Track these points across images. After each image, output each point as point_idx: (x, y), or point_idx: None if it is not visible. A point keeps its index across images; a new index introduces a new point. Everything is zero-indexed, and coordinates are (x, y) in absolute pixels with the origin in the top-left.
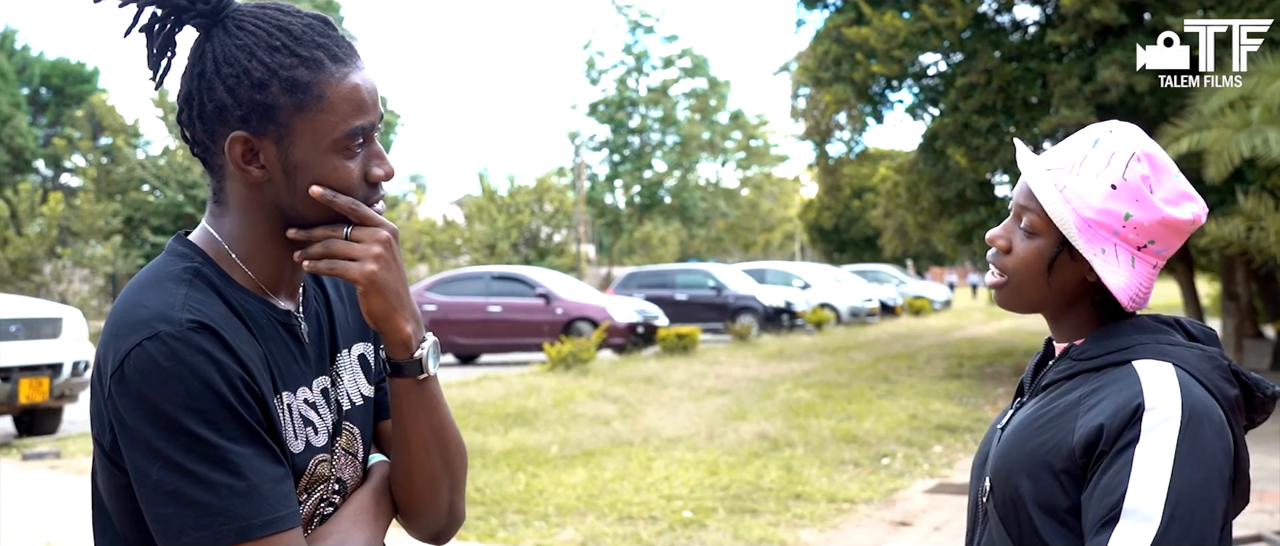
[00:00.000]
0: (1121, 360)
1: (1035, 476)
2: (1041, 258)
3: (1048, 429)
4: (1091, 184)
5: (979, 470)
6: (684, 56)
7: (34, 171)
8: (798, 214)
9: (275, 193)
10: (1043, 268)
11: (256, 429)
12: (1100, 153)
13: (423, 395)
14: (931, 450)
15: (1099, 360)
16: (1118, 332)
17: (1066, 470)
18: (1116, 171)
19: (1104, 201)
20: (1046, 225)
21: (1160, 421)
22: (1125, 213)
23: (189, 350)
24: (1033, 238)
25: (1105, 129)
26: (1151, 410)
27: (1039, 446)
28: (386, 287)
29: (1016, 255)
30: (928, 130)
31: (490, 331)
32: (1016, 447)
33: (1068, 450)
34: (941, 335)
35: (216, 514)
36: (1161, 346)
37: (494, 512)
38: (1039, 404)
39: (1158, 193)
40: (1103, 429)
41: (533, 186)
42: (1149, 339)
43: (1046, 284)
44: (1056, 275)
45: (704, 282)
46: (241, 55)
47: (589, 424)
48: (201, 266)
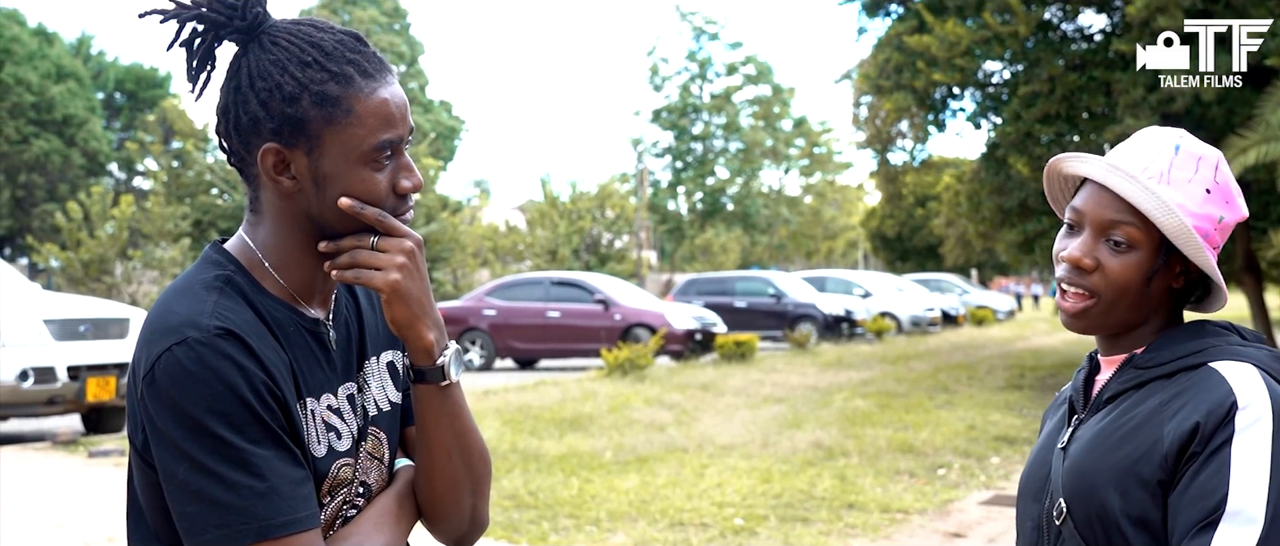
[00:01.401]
0: (1195, 363)
1: (1124, 490)
2: (1141, 271)
3: (1131, 440)
4: (1188, 190)
5: (1038, 492)
6: (748, 63)
7: (108, 174)
8: (860, 222)
9: (306, 203)
10: (1143, 281)
11: (278, 432)
12: (1186, 159)
13: (445, 402)
14: (989, 461)
15: (1170, 366)
16: (1182, 338)
17: (1160, 480)
18: (1208, 176)
19: (1203, 207)
20: (1145, 236)
21: (1254, 420)
22: (1219, 215)
23: (215, 356)
24: (1130, 251)
25: (1176, 135)
26: (1244, 409)
27: (1124, 458)
28: (409, 296)
29: (1109, 272)
30: (990, 139)
31: (549, 336)
32: (1096, 462)
33: (1160, 457)
34: (1003, 345)
35: (237, 513)
36: (1233, 348)
37: (546, 516)
38: (1109, 417)
39: (1236, 194)
40: (1198, 427)
41: (595, 192)
42: (1219, 341)
43: (1145, 297)
44: (1154, 287)
45: (764, 290)
46: (274, 70)
47: (644, 430)
48: (233, 274)
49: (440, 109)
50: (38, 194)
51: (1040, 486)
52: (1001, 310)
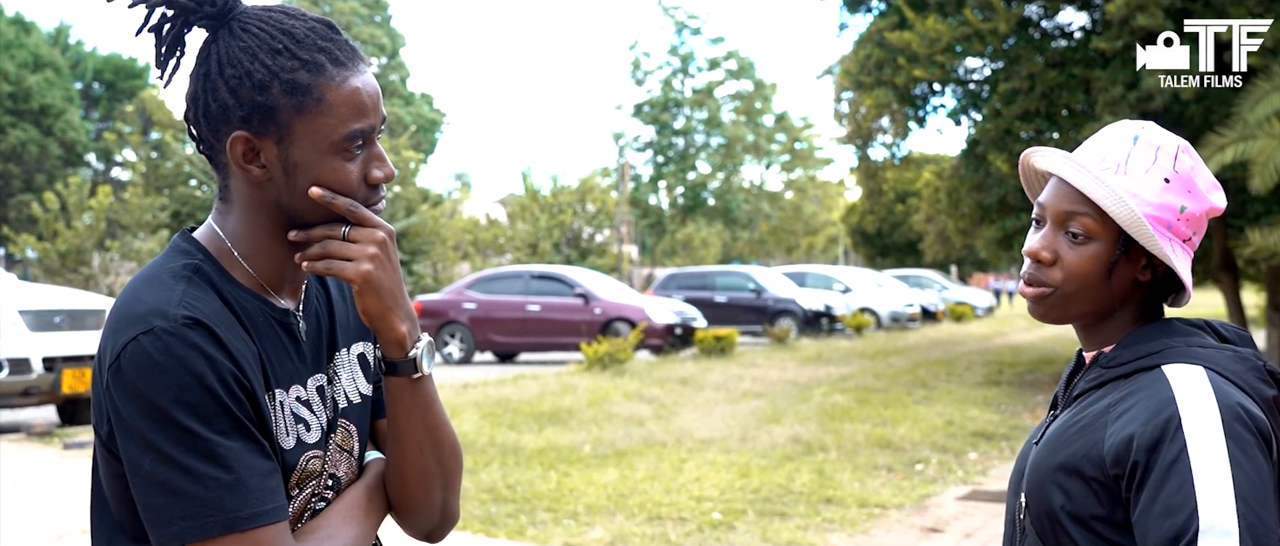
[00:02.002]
0: (1150, 365)
1: (1066, 487)
2: (1100, 262)
3: (1077, 438)
4: (1144, 180)
5: (1015, 485)
6: (729, 58)
7: (86, 165)
8: (841, 217)
9: (276, 192)
10: (1102, 272)
11: (246, 423)
12: (1144, 149)
13: (417, 394)
14: (966, 457)
15: (1128, 366)
16: (1146, 337)
17: (1097, 478)
18: (1166, 165)
19: (1160, 196)
20: (1102, 227)
21: (1202, 429)
22: (1181, 205)
23: (182, 345)
24: (1087, 243)
25: (1138, 126)
26: (1188, 419)
27: (1069, 456)
28: (381, 287)
29: (1068, 264)
30: (970, 135)
31: (529, 330)
32: (1047, 459)
33: (1098, 458)
34: (982, 341)
35: (203, 505)
36: (1191, 349)
37: (524, 510)
38: (1070, 414)
39: (1202, 184)
40: (1133, 439)
41: (576, 186)
42: (1178, 342)
43: (1105, 289)
44: (1115, 278)
45: (744, 285)
46: (244, 57)
47: (623, 424)
48: (201, 263)
49: (421, 101)
50: (14, 184)
51: (1017, 480)
52: (980, 306)
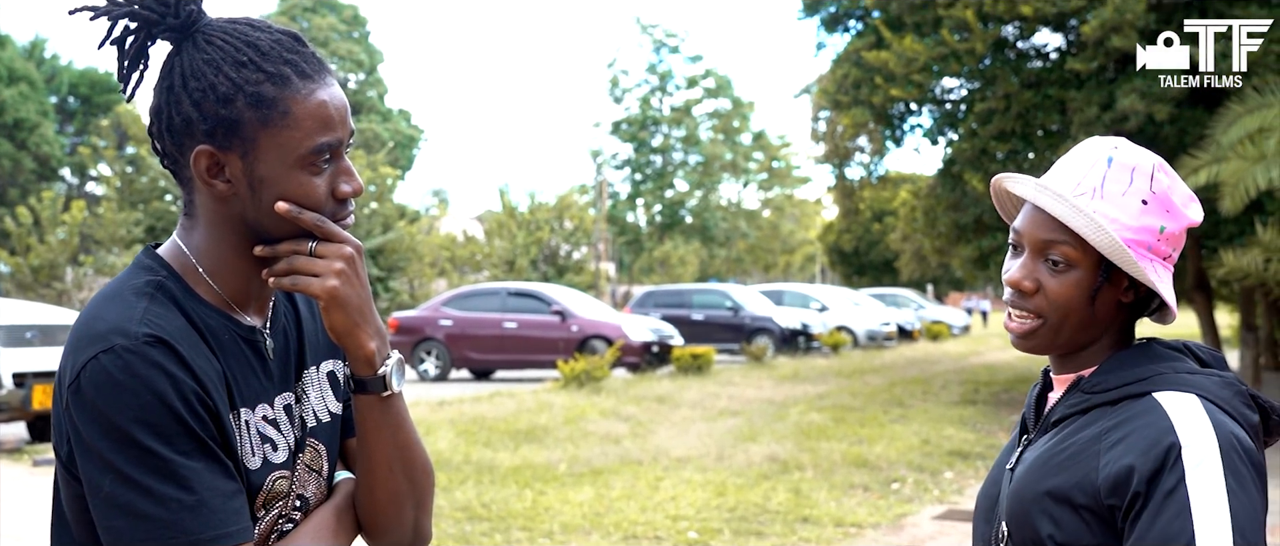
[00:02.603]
0: (1140, 392)
1: (1056, 517)
2: (1083, 289)
3: (1067, 467)
4: (1122, 204)
5: (987, 513)
6: (707, 77)
7: (60, 179)
8: (818, 236)
9: (241, 207)
10: (1086, 300)
11: (209, 444)
12: (1119, 170)
13: (387, 413)
14: (942, 476)
15: (1115, 392)
16: (1129, 362)
17: (1089, 507)
18: (1143, 187)
19: (1139, 219)
20: (1083, 255)
21: (1202, 459)
22: (1160, 226)
23: (143, 364)
24: (1069, 271)
25: (1110, 145)
26: (1188, 448)
27: (1058, 485)
28: (348, 303)
29: (1050, 293)
30: (946, 155)
31: (505, 347)
32: (1032, 487)
33: (1092, 488)
34: (958, 360)
35: (164, 527)
36: (1181, 376)
37: (499, 529)
38: (1052, 441)
39: (1179, 200)
40: (1133, 470)
41: (553, 203)
42: (1166, 368)
43: (1090, 316)
44: (1099, 304)
45: (721, 303)
46: (208, 70)
47: (599, 442)
48: (165, 280)
49: (399, 118)
50: None
51: (990, 508)
52: (957, 325)
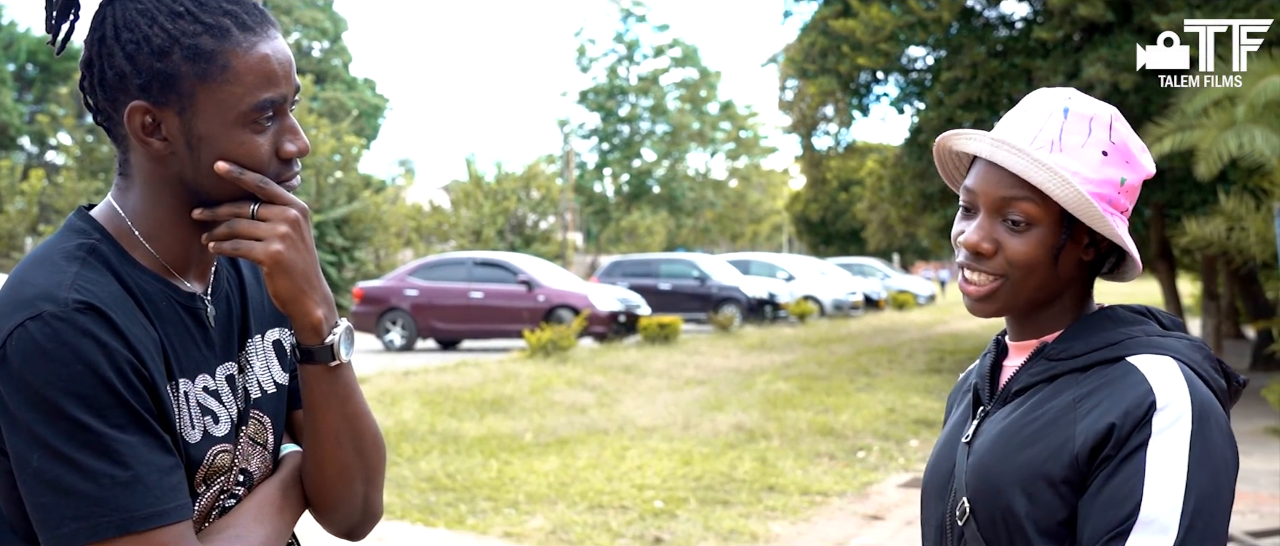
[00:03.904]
0: (1113, 357)
1: (1031, 492)
2: (1046, 248)
3: (1040, 437)
4: (1082, 156)
5: (942, 489)
6: (674, 46)
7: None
8: (785, 206)
9: (179, 167)
10: (1049, 259)
11: (144, 416)
12: (1076, 121)
13: (335, 383)
14: (908, 444)
15: (1085, 358)
16: (1096, 327)
17: (1068, 480)
18: (1102, 137)
19: (1100, 171)
20: (1044, 211)
21: (1172, 421)
22: (1121, 177)
23: (73, 332)
24: (1030, 229)
25: (1064, 96)
26: (1163, 409)
27: (1032, 458)
28: (293, 269)
29: (1012, 252)
30: (913, 124)
31: (471, 317)
32: (1002, 461)
33: (1069, 456)
34: (923, 329)
35: (96, 504)
36: (1153, 339)
37: (464, 499)
38: (1018, 412)
39: (1136, 150)
40: (1113, 428)
41: (520, 173)
42: (1137, 332)
43: (1053, 275)
44: (1062, 264)
45: (688, 272)
46: (142, 20)
47: (565, 412)
48: (98, 243)
49: (364, 86)
50: None
51: (944, 483)
52: (922, 295)
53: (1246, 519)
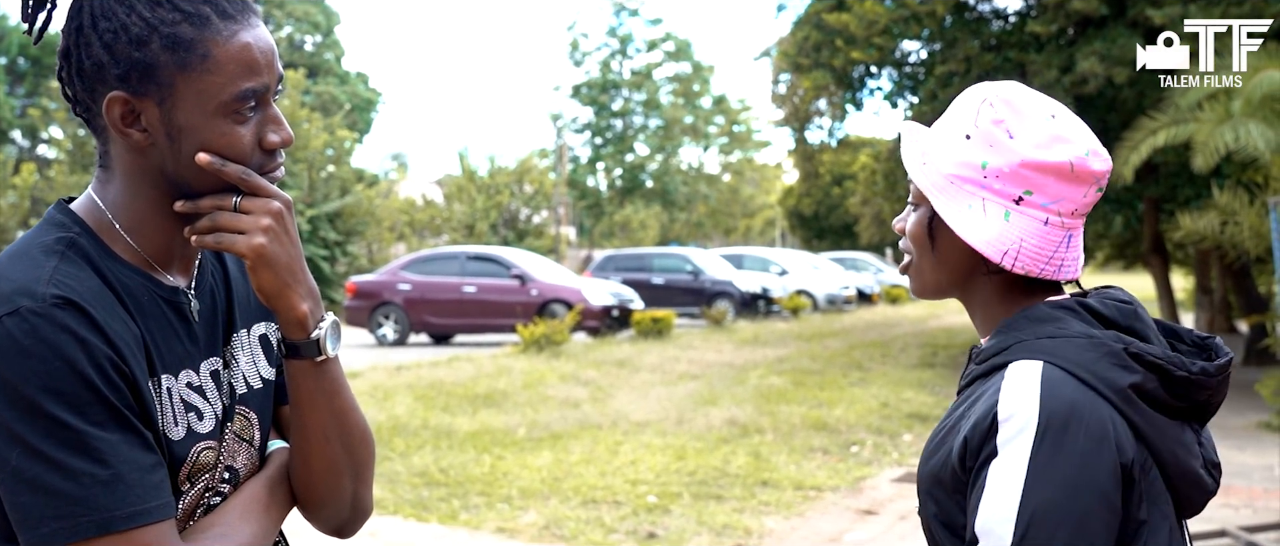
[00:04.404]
0: (1001, 363)
1: (936, 497)
2: (922, 226)
3: (941, 445)
4: (947, 139)
5: None
6: (668, 40)
7: (10, 142)
8: (778, 200)
9: (160, 158)
10: (925, 237)
11: (125, 413)
12: (959, 108)
13: (321, 378)
14: (901, 439)
15: (988, 363)
16: (1012, 327)
17: (956, 488)
18: (968, 120)
19: (960, 153)
20: (921, 191)
21: (1016, 432)
22: (981, 161)
23: (51, 328)
24: (916, 209)
25: (986, 84)
26: (1006, 420)
27: (934, 465)
28: (277, 262)
29: (909, 231)
30: (906, 118)
31: (464, 311)
32: (922, 466)
33: (952, 468)
34: (917, 324)
35: (76, 504)
36: (1039, 341)
37: (456, 494)
38: (943, 416)
39: (1018, 136)
40: (967, 442)
41: (513, 167)
42: (1035, 332)
43: (934, 254)
44: (939, 242)
45: (681, 267)
46: (120, 9)
47: (558, 406)
48: (78, 236)
49: (357, 80)
50: None
51: None
52: None
53: (1240, 513)
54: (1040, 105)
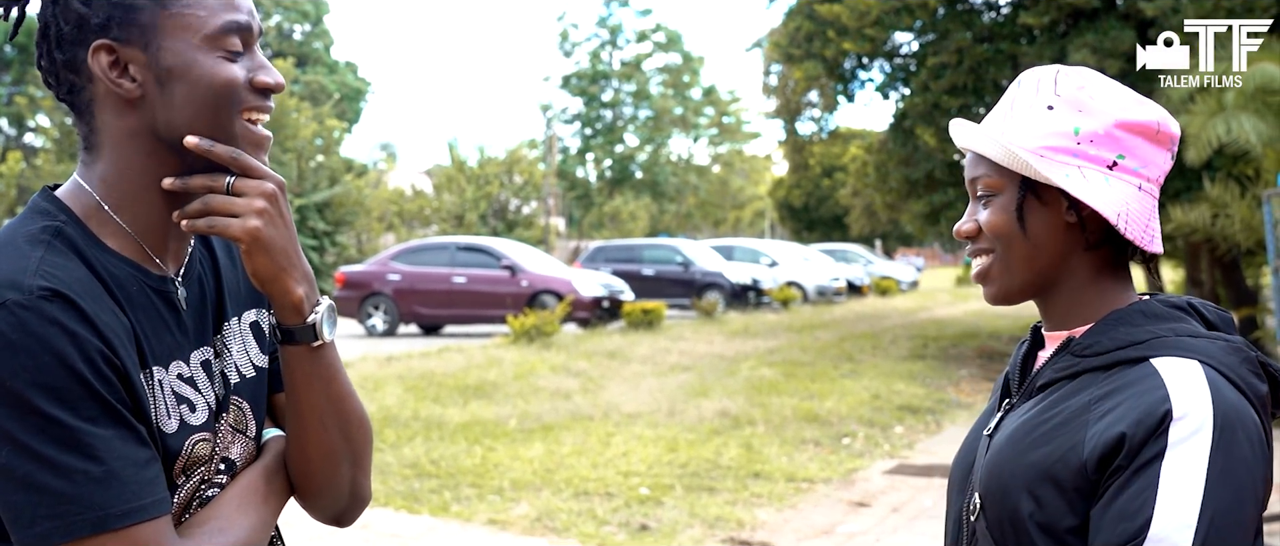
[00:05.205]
0: (1137, 356)
1: (1038, 494)
2: (1010, 213)
3: (1052, 438)
4: (1027, 116)
5: (962, 482)
6: (658, 31)
7: None
8: (768, 191)
9: (151, 114)
10: (1014, 222)
11: (117, 408)
12: (1026, 88)
13: (318, 364)
14: (892, 430)
15: (1109, 356)
16: (1126, 321)
17: (1077, 487)
18: (1048, 92)
19: (1047, 124)
20: (1001, 179)
21: (1191, 433)
22: (1073, 126)
23: (40, 321)
24: (994, 198)
25: (1031, 70)
26: (1181, 419)
27: (1042, 459)
28: (272, 246)
29: (987, 226)
30: (898, 110)
31: (454, 302)
32: (1013, 460)
33: (1078, 464)
34: (907, 315)
35: (70, 502)
36: (1182, 340)
37: (448, 486)
38: (1038, 408)
39: (1102, 98)
40: (1124, 438)
41: (503, 158)
42: (1166, 329)
43: (1026, 240)
44: (1031, 224)
45: (671, 258)
46: None
47: (549, 398)
48: (64, 225)
49: (346, 70)
50: None
51: (964, 476)
52: (905, 281)
53: None
54: (1109, 80)
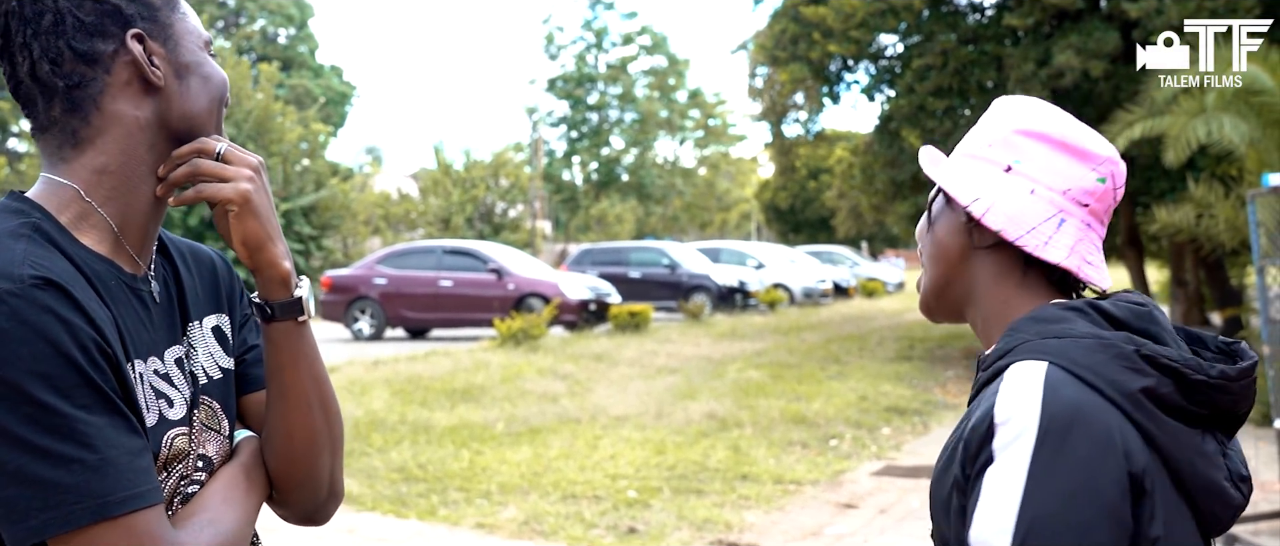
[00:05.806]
0: (1004, 366)
1: (949, 510)
2: (924, 217)
3: (951, 459)
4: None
5: None
6: (643, 34)
7: None
8: (754, 194)
9: (165, 103)
10: (926, 221)
11: (111, 396)
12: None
13: (303, 341)
14: (879, 432)
15: (991, 368)
16: (1018, 329)
17: (961, 505)
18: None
19: (973, 134)
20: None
21: (1012, 438)
22: (986, 139)
23: (33, 309)
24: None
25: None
26: (1003, 425)
27: (946, 478)
28: (261, 211)
29: (917, 235)
30: (883, 111)
31: (441, 306)
32: (935, 483)
33: (954, 479)
34: (893, 317)
35: (67, 492)
36: (1044, 341)
37: (435, 490)
38: (954, 429)
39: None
40: (965, 449)
41: (489, 161)
42: (1037, 332)
43: (933, 240)
44: (938, 224)
45: (658, 261)
46: None
47: (536, 401)
48: (40, 221)
49: (331, 74)
50: None
51: None
52: (891, 282)
53: None
54: (1054, 107)
